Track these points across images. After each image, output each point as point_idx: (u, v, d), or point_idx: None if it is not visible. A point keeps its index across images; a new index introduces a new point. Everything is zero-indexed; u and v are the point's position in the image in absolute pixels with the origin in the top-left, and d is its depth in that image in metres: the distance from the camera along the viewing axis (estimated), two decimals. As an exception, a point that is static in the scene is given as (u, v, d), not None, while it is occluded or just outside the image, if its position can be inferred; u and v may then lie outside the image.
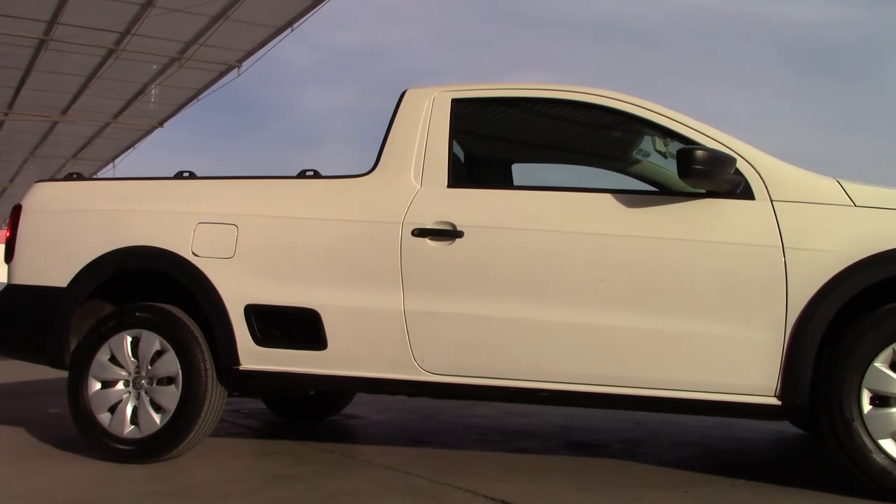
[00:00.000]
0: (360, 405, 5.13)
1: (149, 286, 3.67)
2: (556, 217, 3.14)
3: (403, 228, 3.24)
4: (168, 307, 3.53)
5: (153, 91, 18.53)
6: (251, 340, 3.38)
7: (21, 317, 3.72)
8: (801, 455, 3.86)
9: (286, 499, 2.88)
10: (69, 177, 3.98)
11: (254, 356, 3.39)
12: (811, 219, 2.91)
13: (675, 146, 3.14)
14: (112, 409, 3.49)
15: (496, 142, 4.15)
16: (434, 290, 3.18)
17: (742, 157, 3.02)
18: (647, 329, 2.97)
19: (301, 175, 3.61)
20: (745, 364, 2.89)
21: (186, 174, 3.79)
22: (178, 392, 3.41)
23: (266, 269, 3.39)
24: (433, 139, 3.39)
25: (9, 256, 3.78)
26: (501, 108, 3.70)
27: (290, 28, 15.24)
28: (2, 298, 3.75)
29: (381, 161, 3.43)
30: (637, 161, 3.81)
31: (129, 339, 3.51)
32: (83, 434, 3.54)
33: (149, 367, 3.48)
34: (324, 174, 3.61)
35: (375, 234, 3.28)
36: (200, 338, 3.45)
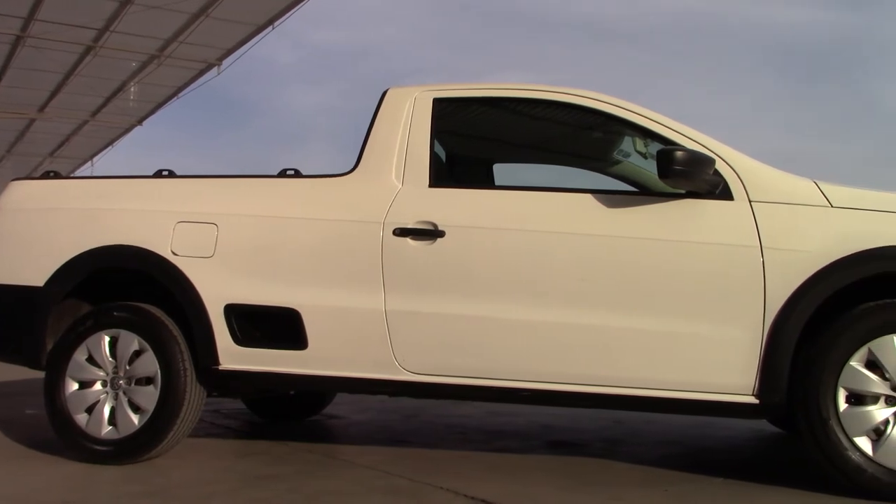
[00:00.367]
0: (341, 405, 5.11)
1: (127, 286, 3.63)
2: (537, 217, 3.15)
3: (385, 228, 3.24)
4: (147, 307, 3.50)
5: (132, 89, 18.38)
6: (231, 340, 3.36)
7: (-3, 316, 3.66)
8: (779, 453, 3.91)
9: (266, 499, 2.87)
10: (46, 175, 3.94)
11: (234, 356, 3.37)
12: (789, 219, 2.94)
13: (655, 147, 3.16)
14: (89, 410, 3.45)
15: (478, 141, 4.15)
16: (415, 290, 3.18)
17: (721, 158, 3.05)
18: (627, 328, 2.99)
19: (282, 174, 3.60)
20: (724, 363, 2.91)
21: (166, 173, 3.76)
22: (157, 392, 3.38)
23: (246, 269, 3.37)
24: (415, 139, 3.39)
25: (-15, 255, 3.73)
26: (483, 108, 3.71)
27: (272, 26, 15.18)
28: (-23, 298, 3.70)
29: (363, 160, 3.42)
30: (618, 161, 3.83)
31: (107, 339, 3.48)
32: (60, 435, 3.50)
33: (127, 368, 3.45)
34: (305, 173, 3.60)
35: (356, 234, 3.27)
36: (179, 338, 3.42)
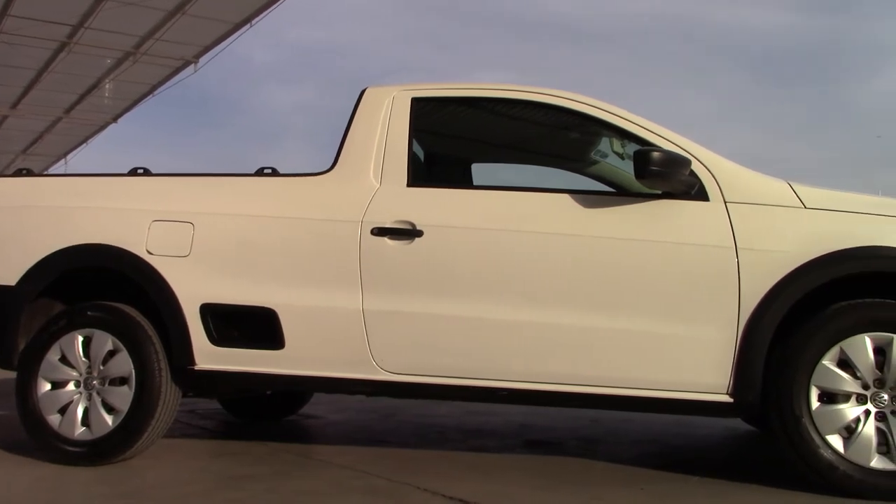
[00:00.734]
0: (318, 405, 5.09)
1: (101, 285, 3.59)
2: (515, 217, 3.15)
3: (363, 227, 3.23)
4: (121, 306, 3.46)
5: (107, 86, 18.13)
6: (207, 340, 3.33)
7: (-32, 315, 3.61)
8: (753, 451, 3.95)
9: (242, 499, 2.85)
10: (19, 172, 3.89)
11: (210, 356, 3.34)
12: (763, 220, 2.97)
13: (632, 147, 3.18)
14: (62, 411, 3.41)
15: (456, 141, 4.16)
16: (393, 290, 3.18)
17: (697, 159, 3.07)
18: (603, 328, 3.00)
19: (259, 173, 3.58)
20: (699, 362, 2.94)
21: (141, 171, 3.72)
22: (131, 393, 3.34)
23: (222, 268, 3.35)
24: (393, 138, 3.38)
25: (-45, 254, 3.66)
26: (461, 108, 3.71)
27: (249, 24, 15.06)
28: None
29: (341, 159, 3.41)
30: (595, 162, 3.85)
31: (81, 339, 3.44)
32: (32, 436, 3.45)
33: (101, 368, 3.41)
34: (282, 172, 3.58)
35: (334, 233, 3.26)
36: (154, 337, 3.39)
